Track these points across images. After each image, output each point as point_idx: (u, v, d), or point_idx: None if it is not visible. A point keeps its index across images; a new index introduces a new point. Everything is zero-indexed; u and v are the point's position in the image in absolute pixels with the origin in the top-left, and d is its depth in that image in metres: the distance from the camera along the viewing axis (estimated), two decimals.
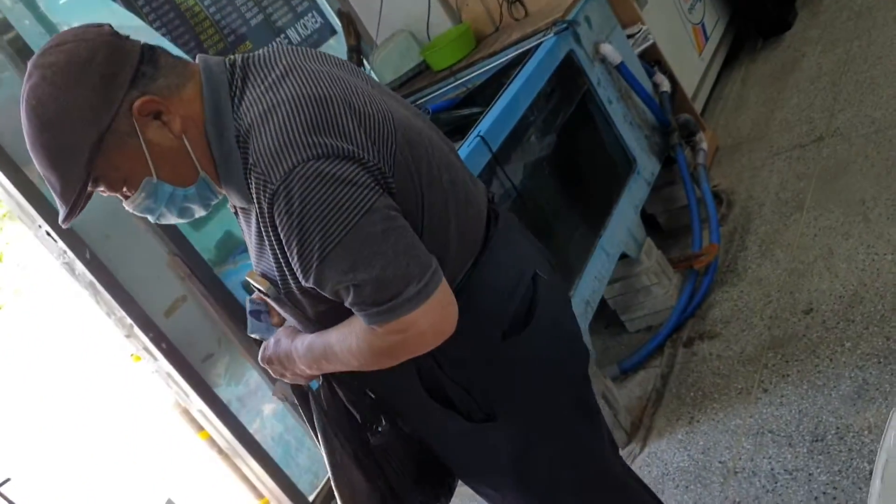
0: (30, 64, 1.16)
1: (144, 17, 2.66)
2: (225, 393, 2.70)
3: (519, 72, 2.57)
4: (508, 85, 2.51)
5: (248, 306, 1.48)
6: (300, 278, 1.18)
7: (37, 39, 2.44)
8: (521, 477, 1.45)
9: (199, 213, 1.29)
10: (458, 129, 2.79)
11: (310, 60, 1.26)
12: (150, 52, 1.19)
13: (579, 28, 2.76)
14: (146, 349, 2.56)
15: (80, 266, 2.39)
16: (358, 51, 3.33)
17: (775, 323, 2.51)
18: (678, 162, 3.01)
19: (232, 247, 2.79)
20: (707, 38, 4.00)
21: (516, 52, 2.83)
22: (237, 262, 2.64)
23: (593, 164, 2.82)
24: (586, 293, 2.43)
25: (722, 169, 3.45)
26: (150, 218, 1.27)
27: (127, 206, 1.26)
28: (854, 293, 2.41)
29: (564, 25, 2.71)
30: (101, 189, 1.22)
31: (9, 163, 2.30)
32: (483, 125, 2.33)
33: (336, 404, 1.44)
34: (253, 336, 1.48)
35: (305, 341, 1.33)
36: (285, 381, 1.45)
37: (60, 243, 2.35)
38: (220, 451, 2.78)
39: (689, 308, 2.76)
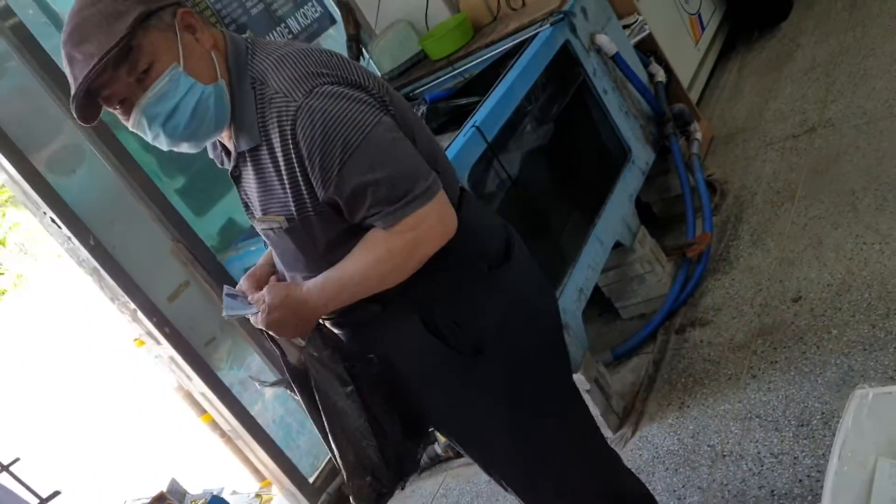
0: None
1: None
2: (227, 377, 2.76)
3: (514, 62, 2.61)
4: (504, 75, 2.55)
5: (224, 290, 1.55)
6: (320, 190, 1.32)
7: (41, 29, 2.48)
8: (511, 418, 1.55)
9: (206, 132, 1.37)
10: (455, 119, 2.83)
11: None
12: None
13: (575, 19, 2.79)
14: (149, 333, 2.62)
15: (84, 252, 2.45)
16: (357, 40, 3.37)
17: (765, 311, 2.56)
18: (672, 151, 3.05)
19: (234, 234, 2.85)
20: (703, 28, 4.04)
21: (513, 43, 2.87)
22: (239, 249, 2.70)
23: (588, 153, 2.86)
24: (580, 281, 2.49)
25: (716, 158, 3.49)
26: (151, 125, 1.33)
27: (135, 114, 1.32)
28: (842, 282, 2.46)
29: (560, 16, 2.75)
30: (125, 77, 1.29)
31: (14, 150, 2.35)
32: (478, 116, 2.37)
33: (327, 348, 1.49)
34: (231, 315, 1.52)
35: (318, 281, 1.42)
36: (287, 337, 1.50)
37: (65, 229, 2.41)
38: (223, 433, 2.85)
39: (682, 296, 2.82)
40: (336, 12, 3.33)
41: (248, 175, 1.42)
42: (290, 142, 1.29)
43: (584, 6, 2.87)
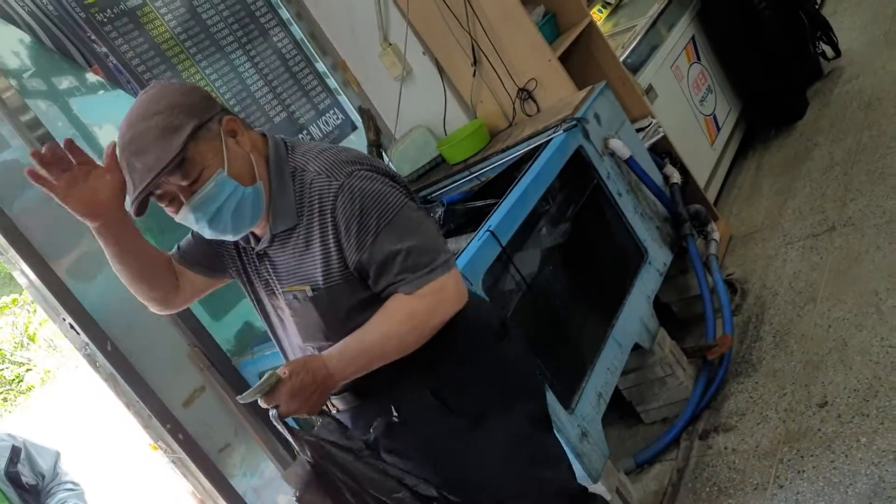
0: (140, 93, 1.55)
1: None
2: (240, 484, 2.71)
3: (528, 167, 2.64)
4: (518, 180, 2.58)
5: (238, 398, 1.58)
6: (353, 256, 1.50)
7: None
8: (509, 480, 1.72)
9: (246, 225, 1.56)
10: (472, 220, 2.86)
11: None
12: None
13: (588, 124, 2.84)
14: (163, 439, 2.59)
15: (101, 357, 2.46)
16: (378, 145, 3.45)
17: (790, 416, 2.49)
18: (690, 252, 3.04)
19: (251, 337, 2.85)
20: (719, 129, 4.09)
21: (528, 148, 2.91)
22: (255, 353, 2.69)
23: (604, 255, 2.86)
24: (598, 385, 2.44)
25: (736, 258, 3.47)
26: (198, 221, 1.52)
27: (183, 211, 1.52)
28: (869, 386, 2.39)
29: (573, 122, 2.80)
30: (177, 181, 1.48)
31: (37, 258, 2.40)
32: (493, 220, 2.39)
33: (340, 428, 1.59)
34: (247, 399, 1.50)
35: (337, 347, 1.54)
36: (301, 414, 1.52)
37: (83, 336, 2.42)
38: None
39: (704, 400, 2.75)
40: (357, 119, 3.42)
41: (277, 252, 1.59)
42: (328, 216, 1.49)
43: (598, 112, 2.93)
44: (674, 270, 3.07)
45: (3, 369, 11.64)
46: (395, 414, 1.65)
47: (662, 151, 3.38)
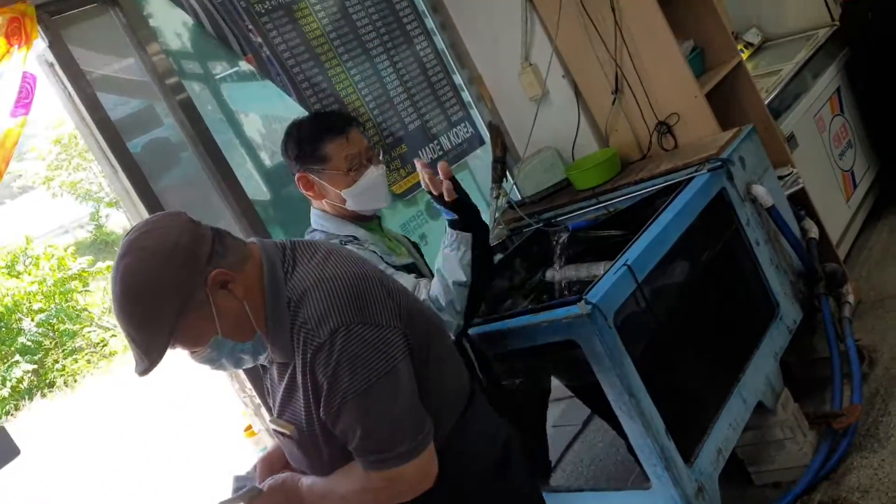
0: (123, 244, 1.41)
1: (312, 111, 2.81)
2: None
3: (669, 204, 2.56)
4: (658, 216, 2.50)
5: (234, 478, 1.69)
6: (323, 415, 1.42)
7: (216, 125, 2.60)
8: None
9: (249, 364, 1.53)
10: (594, 249, 2.80)
11: (343, 249, 1.61)
12: (218, 234, 1.46)
13: (733, 167, 2.74)
14: (265, 430, 2.60)
15: None
16: (503, 162, 3.40)
17: None
18: (823, 312, 2.89)
19: None
20: (856, 186, 3.91)
21: (665, 184, 2.83)
22: None
23: (735, 304, 2.74)
24: (719, 440, 2.33)
25: (863, 324, 3.29)
26: (209, 367, 1.51)
27: (191, 358, 1.49)
28: None
29: (719, 163, 2.70)
30: (175, 349, 1.45)
31: None
32: (631, 254, 2.32)
33: None
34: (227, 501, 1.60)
35: (309, 480, 1.56)
36: None
37: None
38: None
39: (824, 470, 2.60)
40: (486, 134, 3.40)
41: (275, 377, 1.54)
42: (308, 367, 1.41)
43: (742, 155, 2.82)
44: (801, 329, 2.93)
45: (91, 331, 12.09)
46: None
47: (798, 203, 3.24)
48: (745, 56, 4.13)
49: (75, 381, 11.31)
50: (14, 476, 7.60)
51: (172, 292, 1.37)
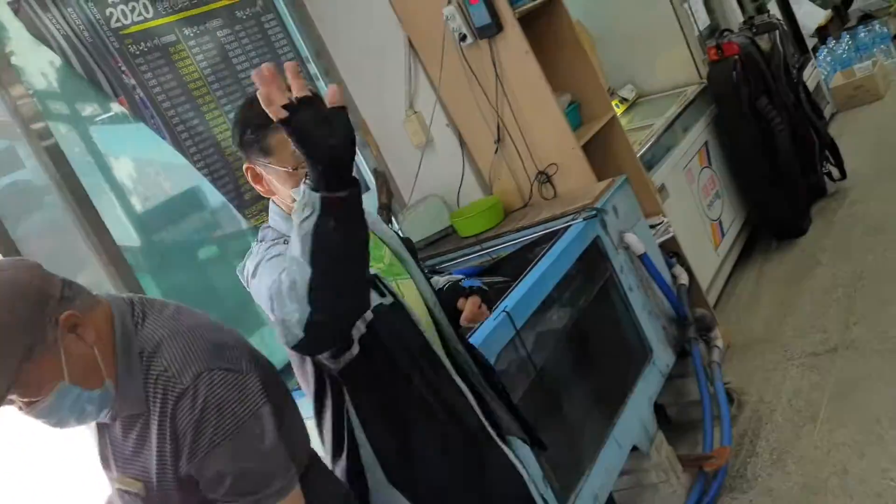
0: None
1: (189, 157, 2.74)
2: None
3: (547, 251, 2.62)
4: (535, 263, 2.55)
5: None
6: (185, 465, 1.36)
7: (83, 167, 2.49)
8: None
9: (93, 417, 1.43)
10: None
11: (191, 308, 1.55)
12: (66, 280, 1.40)
13: (607, 216, 2.83)
14: None
15: None
16: (388, 208, 3.41)
17: None
18: (693, 357, 3.00)
19: None
20: (724, 235, 4.11)
21: (544, 231, 2.89)
22: None
23: (610, 350, 2.81)
24: (596, 486, 2.36)
25: (733, 367, 3.43)
26: (49, 422, 1.39)
27: (27, 413, 1.37)
28: None
29: (594, 212, 2.79)
30: (12, 397, 1.33)
31: None
32: (509, 301, 2.35)
33: None
34: None
35: None
36: None
37: None
38: None
39: None
40: (371, 181, 3.39)
41: (118, 434, 1.46)
42: (168, 418, 1.36)
43: (616, 205, 2.93)
44: (673, 372, 3.03)
45: None
46: None
47: (670, 251, 3.38)
48: (620, 111, 4.31)
49: None
50: None
51: (22, 330, 1.29)
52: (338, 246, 1.27)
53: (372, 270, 1.64)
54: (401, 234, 1.90)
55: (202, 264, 2.81)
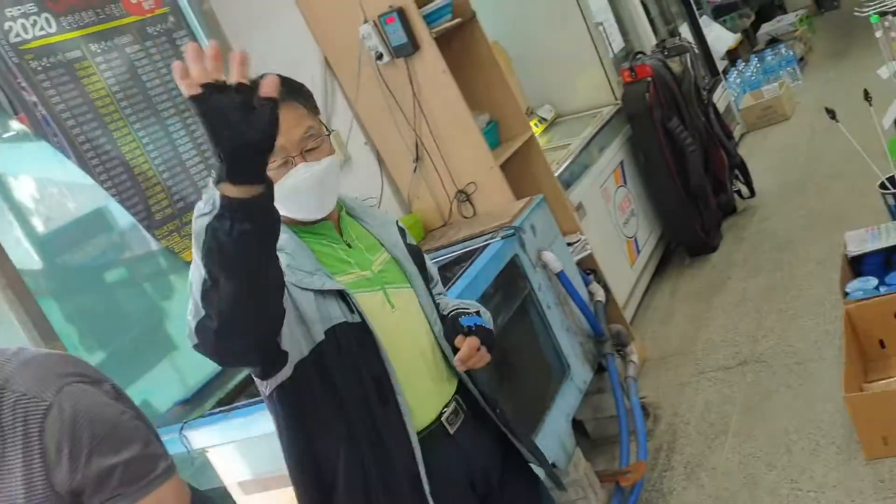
0: None
1: (96, 177, 2.64)
2: None
3: (464, 270, 2.62)
4: (454, 282, 2.55)
5: None
6: (66, 480, 1.33)
7: None
8: None
9: None
10: None
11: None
12: None
13: (525, 235, 2.86)
14: None
15: None
16: None
17: None
18: (609, 372, 3.04)
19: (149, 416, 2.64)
20: (639, 252, 4.20)
21: (463, 250, 2.89)
22: None
23: (528, 368, 2.82)
24: None
25: (648, 381, 3.50)
26: None
27: None
28: None
29: (511, 231, 2.81)
30: None
31: None
32: None
33: None
34: None
35: None
36: None
37: None
38: None
39: None
40: None
41: None
42: (34, 439, 1.32)
43: (534, 223, 2.95)
44: (590, 388, 3.06)
45: None
46: None
47: (587, 268, 3.43)
48: (539, 130, 4.38)
49: None
50: None
51: None
52: (235, 252, 1.18)
53: (350, 279, 1.56)
54: (408, 241, 1.77)
55: (109, 287, 2.71)
